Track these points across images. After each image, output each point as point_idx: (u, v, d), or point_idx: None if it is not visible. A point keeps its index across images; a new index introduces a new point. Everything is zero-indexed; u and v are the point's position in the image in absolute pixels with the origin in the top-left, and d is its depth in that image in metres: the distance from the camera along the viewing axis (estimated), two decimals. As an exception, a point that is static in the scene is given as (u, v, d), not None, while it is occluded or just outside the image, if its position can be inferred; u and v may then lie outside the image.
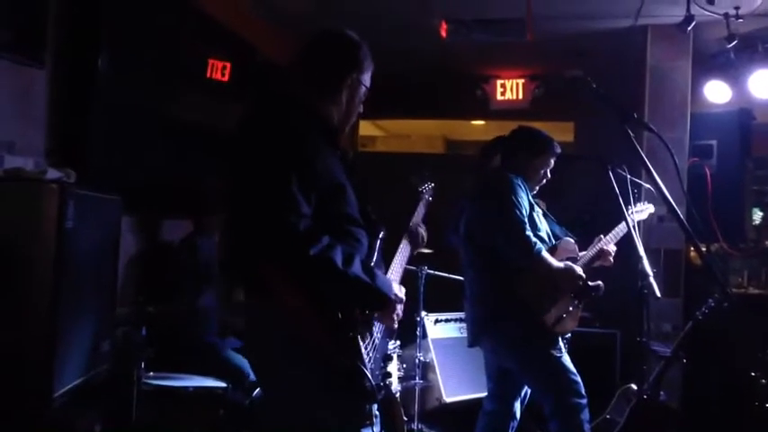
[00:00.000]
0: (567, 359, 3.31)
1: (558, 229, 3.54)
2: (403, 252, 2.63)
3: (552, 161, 3.49)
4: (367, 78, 2.32)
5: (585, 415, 3.26)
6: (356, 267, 2.03)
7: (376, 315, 2.20)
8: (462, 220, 3.49)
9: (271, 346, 2.09)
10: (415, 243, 2.71)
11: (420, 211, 2.94)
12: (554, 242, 3.44)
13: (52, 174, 2.80)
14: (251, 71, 4.88)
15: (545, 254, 3.23)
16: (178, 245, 4.20)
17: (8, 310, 2.51)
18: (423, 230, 2.75)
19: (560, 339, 3.33)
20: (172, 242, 4.39)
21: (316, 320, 2.01)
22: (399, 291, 2.24)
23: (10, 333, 2.50)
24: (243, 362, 3.81)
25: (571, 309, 3.33)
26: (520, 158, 3.46)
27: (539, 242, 3.22)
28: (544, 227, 3.42)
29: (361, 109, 2.35)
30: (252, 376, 3.67)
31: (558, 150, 3.50)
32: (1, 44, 2.81)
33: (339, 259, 1.98)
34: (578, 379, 3.28)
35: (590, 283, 3.32)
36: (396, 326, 2.28)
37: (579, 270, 3.32)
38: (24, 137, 3.15)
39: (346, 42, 2.30)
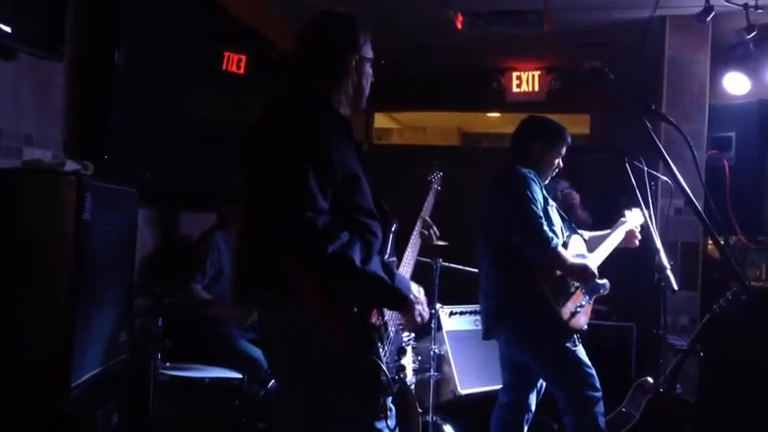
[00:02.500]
0: (581, 352, 3.29)
1: (566, 226, 3.51)
2: (414, 245, 2.61)
3: (564, 149, 3.46)
4: (368, 50, 2.27)
5: (600, 408, 3.25)
6: (375, 265, 2.02)
7: (392, 314, 2.20)
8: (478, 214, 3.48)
9: (286, 341, 2.09)
10: (425, 238, 2.70)
11: (430, 201, 2.93)
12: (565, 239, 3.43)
13: (70, 165, 2.82)
14: (267, 66, 4.88)
15: (561, 249, 3.21)
16: (197, 238, 4.22)
17: (27, 301, 2.53)
18: (434, 229, 2.73)
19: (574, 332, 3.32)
20: (189, 235, 4.41)
21: (332, 315, 2.01)
22: (418, 291, 2.22)
23: (29, 323, 2.52)
24: (258, 353, 3.83)
25: (584, 304, 3.32)
26: (534, 150, 3.41)
27: (555, 237, 3.20)
28: (558, 222, 3.39)
29: (372, 78, 2.30)
30: (267, 367, 3.69)
31: (570, 138, 3.47)
32: (20, 37, 2.82)
33: (358, 257, 1.97)
34: (593, 372, 3.26)
35: (597, 281, 3.31)
36: (418, 326, 2.26)
37: (593, 267, 3.30)
38: (42, 129, 3.18)
39: (338, 22, 2.25)
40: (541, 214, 3.20)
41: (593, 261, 3.37)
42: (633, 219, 3.59)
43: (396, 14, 5.18)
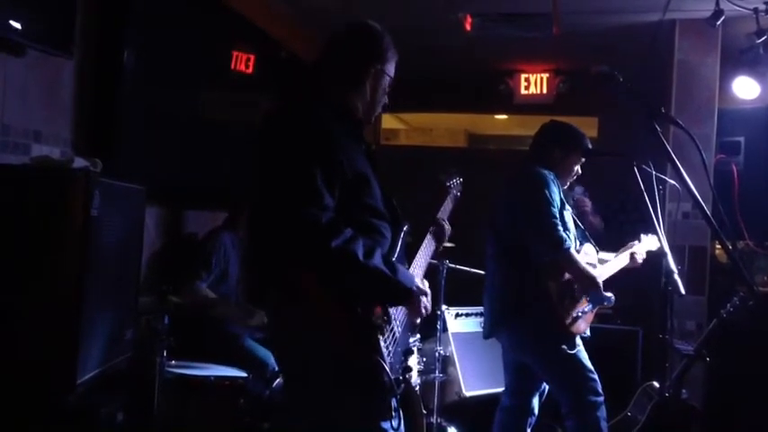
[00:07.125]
0: (584, 356, 3.29)
1: (580, 234, 3.50)
2: (427, 247, 2.59)
3: (583, 157, 3.46)
4: (391, 68, 2.31)
5: (602, 412, 3.24)
6: (377, 260, 2.02)
7: (399, 309, 2.20)
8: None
9: (292, 341, 2.10)
10: (439, 238, 2.68)
11: (447, 205, 2.91)
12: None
13: (79, 162, 2.83)
14: (275, 66, 4.88)
15: (573, 252, 3.20)
16: (204, 236, 4.22)
17: (34, 297, 2.54)
18: (447, 226, 2.73)
19: (577, 337, 3.31)
20: (196, 234, 4.42)
21: (335, 314, 2.01)
22: (422, 284, 2.22)
23: (35, 319, 2.53)
24: (264, 352, 3.83)
25: (586, 311, 3.31)
26: (553, 155, 3.40)
27: (568, 239, 3.19)
28: (572, 227, 3.38)
29: (386, 100, 2.34)
30: (272, 366, 3.70)
31: (590, 146, 3.47)
32: (30, 34, 2.83)
33: (360, 252, 1.98)
34: (595, 377, 3.26)
35: (604, 293, 3.29)
36: (420, 319, 2.27)
37: (599, 278, 3.29)
38: (51, 126, 3.19)
39: (368, 33, 2.30)
40: (557, 214, 3.20)
41: (600, 273, 3.37)
42: (647, 243, 3.59)
43: (404, 15, 5.17)
